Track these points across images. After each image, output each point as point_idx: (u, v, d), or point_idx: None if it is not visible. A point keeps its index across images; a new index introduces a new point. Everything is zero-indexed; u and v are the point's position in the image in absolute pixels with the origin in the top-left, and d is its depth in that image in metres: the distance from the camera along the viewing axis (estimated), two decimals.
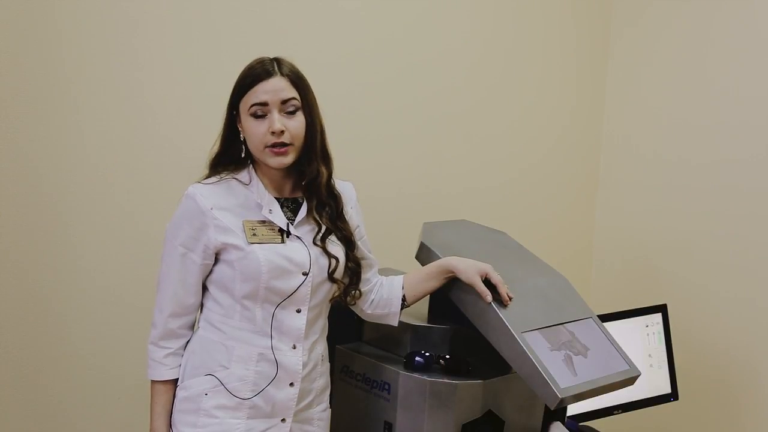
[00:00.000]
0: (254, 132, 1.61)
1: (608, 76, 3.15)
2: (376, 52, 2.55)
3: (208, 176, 1.68)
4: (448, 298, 1.83)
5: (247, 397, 1.63)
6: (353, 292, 1.76)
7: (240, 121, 1.65)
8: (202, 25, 2.20)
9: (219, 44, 2.22)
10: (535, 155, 3.01)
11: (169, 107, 2.17)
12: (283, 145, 1.60)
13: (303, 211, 1.69)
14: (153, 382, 1.68)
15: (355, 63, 2.50)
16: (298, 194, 1.72)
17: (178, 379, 1.68)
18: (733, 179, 2.73)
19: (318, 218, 1.69)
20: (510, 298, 1.75)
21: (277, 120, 1.59)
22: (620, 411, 2.39)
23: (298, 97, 1.63)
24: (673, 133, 2.92)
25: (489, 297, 1.72)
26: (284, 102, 1.61)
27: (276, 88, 1.60)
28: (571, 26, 3.04)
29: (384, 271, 1.96)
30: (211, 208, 1.61)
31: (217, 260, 1.65)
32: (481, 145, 2.85)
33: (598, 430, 2.29)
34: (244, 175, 1.67)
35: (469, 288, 1.75)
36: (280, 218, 1.66)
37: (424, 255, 1.91)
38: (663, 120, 2.95)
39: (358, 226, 1.79)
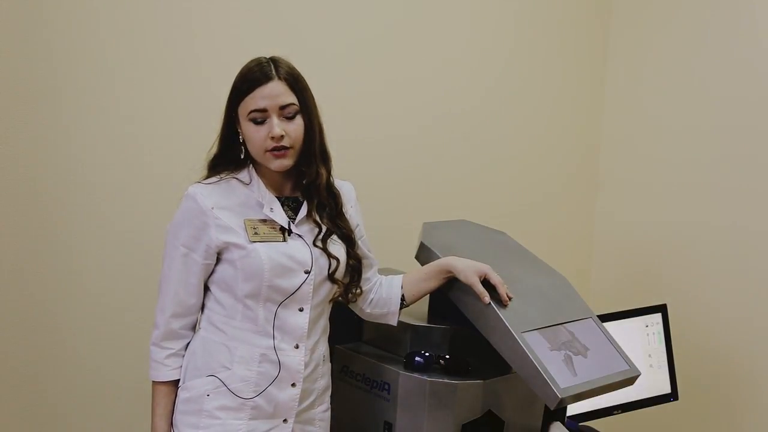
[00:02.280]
0: (254, 137, 1.61)
1: (608, 76, 3.15)
2: (376, 53, 2.55)
3: (208, 176, 1.68)
4: (448, 298, 1.83)
5: (249, 397, 1.63)
6: (354, 290, 1.76)
7: (239, 124, 1.65)
8: (203, 26, 2.20)
9: (219, 44, 2.22)
10: (535, 155, 3.01)
11: (169, 108, 2.17)
12: (284, 148, 1.61)
13: (304, 209, 1.70)
14: (154, 383, 1.68)
15: (355, 64, 2.50)
16: (299, 193, 1.72)
17: (179, 380, 1.68)
18: (733, 179, 2.73)
19: (318, 219, 1.69)
20: (510, 299, 1.75)
21: (276, 125, 1.59)
22: (620, 411, 2.39)
23: (296, 101, 1.63)
24: (673, 134, 2.92)
25: (487, 298, 1.73)
26: (282, 108, 1.61)
27: (274, 93, 1.60)
28: (571, 27, 3.04)
29: (384, 271, 1.96)
30: (212, 208, 1.61)
31: (218, 260, 1.65)
32: (481, 145, 2.85)
33: (598, 430, 2.29)
34: (244, 175, 1.68)
35: (469, 288, 1.75)
36: (281, 217, 1.66)
37: (424, 255, 1.91)
38: (663, 120, 2.95)
39: (357, 225, 1.80)
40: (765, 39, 2.64)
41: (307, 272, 1.65)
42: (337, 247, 1.71)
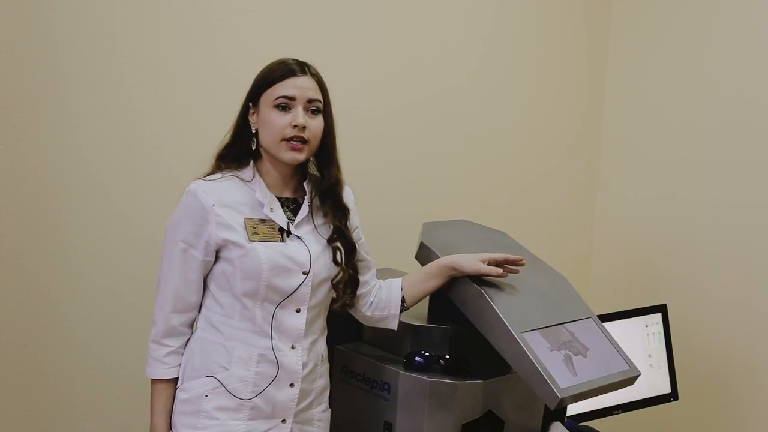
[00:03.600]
0: (275, 122, 1.61)
1: (608, 76, 3.15)
2: (376, 52, 2.55)
3: (211, 172, 1.68)
4: (448, 298, 1.83)
5: (247, 398, 1.63)
6: (351, 295, 1.76)
7: (256, 114, 1.65)
8: (203, 27, 2.20)
9: (219, 45, 2.22)
10: (535, 155, 3.01)
11: (169, 108, 2.17)
12: (302, 141, 1.62)
13: (303, 210, 1.70)
14: (153, 381, 1.68)
15: (355, 64, 2.50)
16: (299, 195, 1.72)
17: (177, 378, 1.68)
18: (733, 179, 2.73)
19: (333, 218, 1.71)
20: (522, 262, 1.79)
21: (301, 115, 1.61)
22: (620, 411, 2.39)
23: (322, 100, 1.65)
24: (673, 133, 2.92)
25: (500, 270, 1.75)
26: (310, 101, 1.63)
27: (306, 86, 1.63)
28: (572, 26, 3.04)
29: (384, 272, 1.96)
30: (213, 205, 1.61)
31: (217, 258, 1.65)
32: (481, 145, 2.85)
33: (598, 430, 2.29)
34: (246, 173, 1.68)
35: (469, 288, 1.75)
36: (280, 217, 1.66)
37: (424, 255, 1.91)
38: (663, 120, 2.95)
39: (356, 227, 1.80)
40: (765, 37, 2.64)
41: (306, 273, 1.65)
42: (338, 255, 1.71)
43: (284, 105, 1.62)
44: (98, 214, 2.09)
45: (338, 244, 1.71)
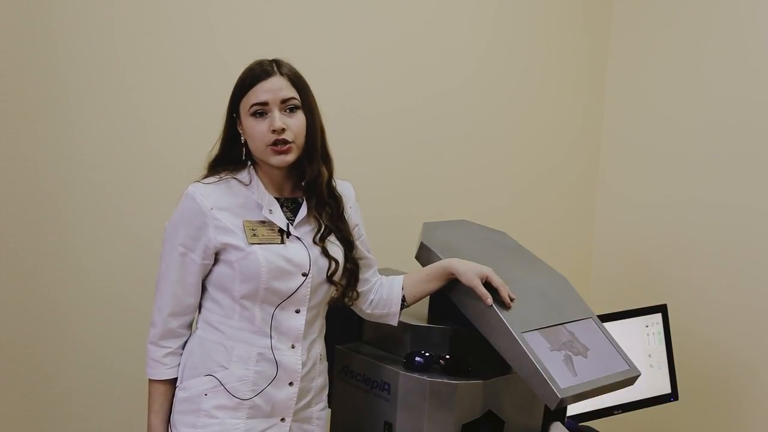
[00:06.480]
0: (255, 131, 1.61)
1: (608, 76, 3.15)
2: (376, 53, 2.55)
3: (207, 176, 1.68)
4: (448, 298, 1.83)
5: (246, 397, 1.63)
6: (350, 293, 1.76)
7: (240, 123, 1.65)
8: (202, 28, 2.20)
9: (217, 46, 2.22)
10: (536, 155, 3.01)
11: (169, 108, 2.17)
12: (285, 143, 1.60)
13: (303, 210, 1.69)
14: (151, 381, 1.68)
15: (355, 64, 2.50)
16: (298, 194, 1.72)
17: (176, 378, 1.68)
18: (734, 179, 2.73)
19: (318, 217, 1.69)
20: (512, 300, 1.74)
21: (278, 118, 1.60)
22: (620, 411, 2.39)
23: (297, 96, 1.63)
24: (673, 133, 2.92)
25: (489, 300, 1.72)
26: (284, 101, 1.61)
27: (275, 87, 1.61)
28: (572, 26, 3.04)
29: (384, 271, 1.96)
30: (211, 208, 1.61)
31: (216, 260, 1.65)
32: (481, 145, 2.85)
33: (598, 430, 2.29)
34: (244, 176, 1.67)
35: (470, 289, 1.75)
36: (280, 218, 1.66)
37: (424, 255, 1.91)
38: (663, 120, 2.95)
39: (357, 224, 1.80)
40: (766, 37, 2.64)
41: (305, 275, 1.65)
42: (335, 249, 1.71)
43: (260, 112, 1.60)
44: (98, 214, 2.09)
45: (330, 240, 1.70)
